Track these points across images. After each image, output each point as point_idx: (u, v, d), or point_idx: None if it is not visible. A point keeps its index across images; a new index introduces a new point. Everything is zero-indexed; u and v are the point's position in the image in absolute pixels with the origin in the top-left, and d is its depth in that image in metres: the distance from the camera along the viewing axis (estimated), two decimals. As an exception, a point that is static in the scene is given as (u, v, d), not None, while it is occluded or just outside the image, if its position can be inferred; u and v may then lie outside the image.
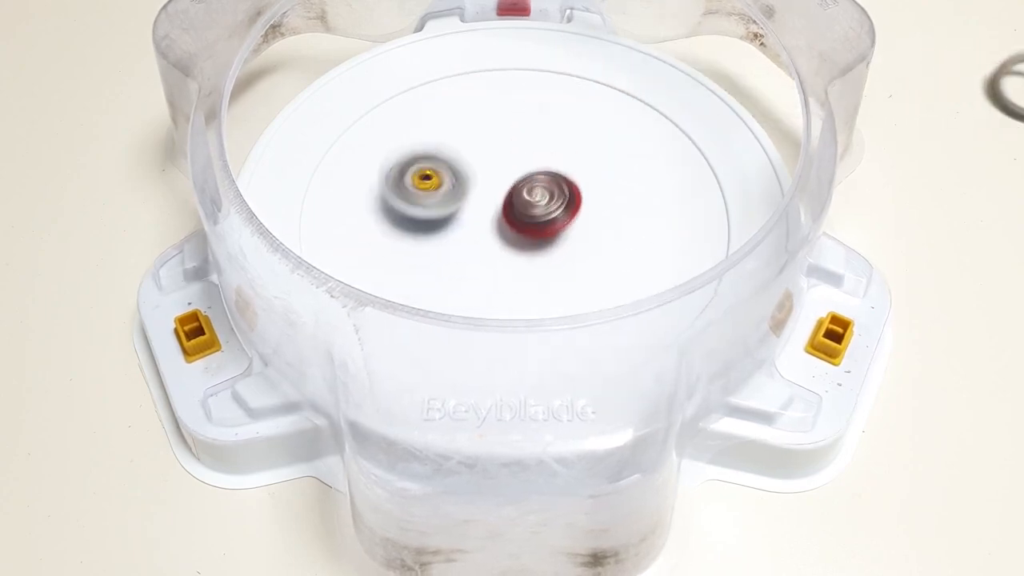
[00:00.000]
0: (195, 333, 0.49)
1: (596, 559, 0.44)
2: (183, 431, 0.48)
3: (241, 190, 0.46)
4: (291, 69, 0.59)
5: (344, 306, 0.43)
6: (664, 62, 0.56)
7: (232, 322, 0.49)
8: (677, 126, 0.54)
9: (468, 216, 0.51)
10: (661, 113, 0.54)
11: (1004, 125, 0.58)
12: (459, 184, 0.50)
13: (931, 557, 0.46)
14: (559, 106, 0.55)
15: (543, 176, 0.51)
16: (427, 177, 0.50)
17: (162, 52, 0.51)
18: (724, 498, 0.47)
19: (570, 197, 0.50)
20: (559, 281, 0.49)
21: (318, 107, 0.54)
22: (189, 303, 0.50)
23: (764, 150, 0.53)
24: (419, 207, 0.50)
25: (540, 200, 0.50)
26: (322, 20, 0.57)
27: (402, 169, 0.50)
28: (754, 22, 0.54)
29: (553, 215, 0.50)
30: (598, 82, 0.55)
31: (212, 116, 0.49)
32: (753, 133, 0.53)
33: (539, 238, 0.50)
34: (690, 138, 0.53)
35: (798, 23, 0.51)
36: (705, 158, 0.53)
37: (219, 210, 0.46)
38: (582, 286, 0.49)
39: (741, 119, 0.54)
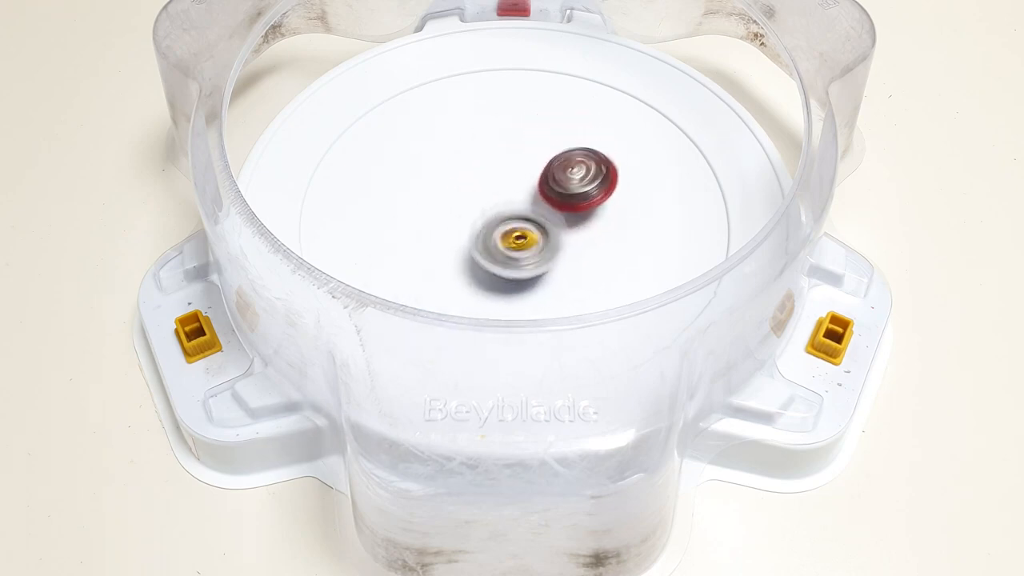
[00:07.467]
0: (196, 334, 0.48)
1: (598, 559, 0.44)
2: (183, 431, 0.48)
3: (241, 190, 0.46)
4: (291, 69, 0.59)
5: (345, 307, 0.43)
6: (664, 62, 0.56)
7: (233, 323, 0.49)
8: (677, 126, 0.54)
9: (469, 215, 0.51)
10: (661, 113, 0.54)
11: (1004, 125, 0.58)
12: (550, 242, 0.49)
13: (931, 557, 0.46)
14: (559, 106, 0.55)
15: (580, 152, 0.51)
16: (521, 238, 0.49)
17: (163, 52, 0.51)
18: (725, 498, 0.47)
19: (606, 174, 0.50)
20: (560, 281, 0.49)
21: (318, 107, 0.54)
22: (189, 303, 0.50)
23: (764, 150, 0.53)
24: (512, 269, 0.49)
25: (576, 175, 0.50)
26: (322, 20, 0.57)
27: (490, 230, 0.49)
28: (754, 22, 0.54)
29: (587, 190, 0.50)
30: (598, 82, 0.55)
31: (212, 116, 0.48)
32: (753, 133, 0.53)
33: (574, 212, 0.50)
34: (690, 138, 0.53)
35: (798, 23, 0.51)
36: (705, 158, 0.53)
37: (220, 210, 0.46)
38: (583, 286, 0.49)
39: (741, 119, 0.54)
